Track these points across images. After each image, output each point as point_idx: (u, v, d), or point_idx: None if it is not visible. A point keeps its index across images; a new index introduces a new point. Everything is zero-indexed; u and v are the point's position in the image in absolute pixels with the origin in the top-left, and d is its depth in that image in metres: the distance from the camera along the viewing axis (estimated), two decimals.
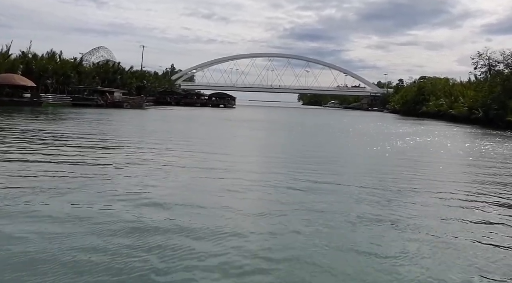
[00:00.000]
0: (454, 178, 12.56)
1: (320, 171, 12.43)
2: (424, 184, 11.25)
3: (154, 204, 7.73)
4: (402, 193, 9.78)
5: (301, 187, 9.92)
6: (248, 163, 13.90)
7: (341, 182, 10.87)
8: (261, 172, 12.49)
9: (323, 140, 24.32)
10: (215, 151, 16.23)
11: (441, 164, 15.39)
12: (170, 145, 17.44)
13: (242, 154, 16.34)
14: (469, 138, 30.84)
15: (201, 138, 22.04)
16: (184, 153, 15.35)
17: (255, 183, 10.32)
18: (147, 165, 12.09)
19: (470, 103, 58.22)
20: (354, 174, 12.38)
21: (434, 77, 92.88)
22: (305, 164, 13.89)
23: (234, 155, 15.79)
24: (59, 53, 61.33)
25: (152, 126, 28.73)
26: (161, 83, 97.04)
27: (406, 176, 12.30)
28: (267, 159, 15.42)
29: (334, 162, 14.78)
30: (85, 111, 42.86)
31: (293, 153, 17.58)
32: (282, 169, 12.65)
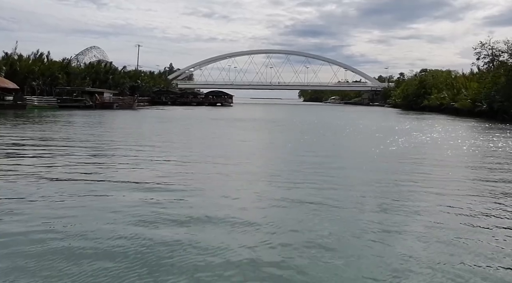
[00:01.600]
0: (468, 189, 10.51)
1: (314, 182, 10.42)
2: (434, 198, 9.25)
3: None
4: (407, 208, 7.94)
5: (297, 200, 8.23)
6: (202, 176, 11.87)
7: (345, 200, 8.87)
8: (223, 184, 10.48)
9: (319, 142, 22.25)
10: (171, 157, 14.23)
11: (453, 169, 13.28)
12: (129, 151, 15.46)
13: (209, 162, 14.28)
14: (475, 133, 28.53)
15: (174, 141, 20.05)
16: (145, 162, 13.36)
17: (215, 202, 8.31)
18: (92, 178, 10.12)
19: (473, 96, 55.90)
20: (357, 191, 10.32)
21: (435, 70, 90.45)
22: (299, 169, 11.89)
23: (196, 165, 13.75)
24: (46, 54, 59.51)
25: (129, 129, 26.73)
26: (156, 82, 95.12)
27: (410, 189, 10.27)
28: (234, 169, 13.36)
29: (333, 173, 12.71)
30: (70, 114, 40.98)
31: (283, 160, 15.54)
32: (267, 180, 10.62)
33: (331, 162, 13.88)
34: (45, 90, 54.43)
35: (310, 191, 9.11)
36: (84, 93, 56.85)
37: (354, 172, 12.14)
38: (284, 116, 50.70)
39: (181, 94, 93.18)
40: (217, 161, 13.38)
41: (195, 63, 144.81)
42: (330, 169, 12.33)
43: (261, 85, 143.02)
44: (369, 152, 16.37)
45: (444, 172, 12.32)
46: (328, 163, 13.66)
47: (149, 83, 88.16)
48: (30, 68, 52.44)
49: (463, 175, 12.15)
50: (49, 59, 59.63)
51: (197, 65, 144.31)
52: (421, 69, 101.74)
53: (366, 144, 19.86)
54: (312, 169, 12.22)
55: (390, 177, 11.13)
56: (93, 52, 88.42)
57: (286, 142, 20.95)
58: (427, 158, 15.38)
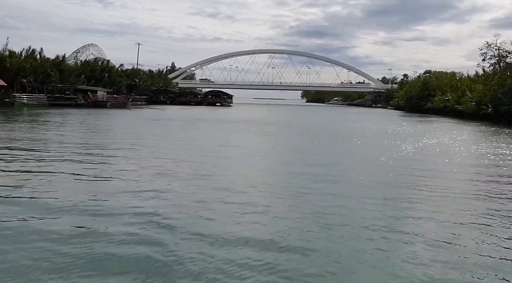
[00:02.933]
0: (476, 206, 8.90)
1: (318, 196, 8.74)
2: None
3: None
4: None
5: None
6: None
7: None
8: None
9: (316, 150, 20.57)
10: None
11: (458, 183, 11.63)
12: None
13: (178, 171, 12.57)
14: (482, 139, 26.56)
15: (146, 146, 18.39)
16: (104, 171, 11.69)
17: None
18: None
19: (478, 98, 53.95)
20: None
21: (439, 72, 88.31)
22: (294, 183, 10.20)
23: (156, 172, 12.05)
24: (39, 51, 57.90)
25: (105, 131, 24.93)
26: (155, 81, 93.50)
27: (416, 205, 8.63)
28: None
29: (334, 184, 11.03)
30: (58, 113, 39.39)
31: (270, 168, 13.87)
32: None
33: (327, 177, 12.15)
34: (36, 88, 52.87)
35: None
36: (77, 92, 55.41)
37: (352, 187, 10.46)
38: (282, 118, 48.92)
39: (180, 94, 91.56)
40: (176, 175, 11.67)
41: (196, 63, 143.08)
42: (327, 187, 10.62)
43: (262, 86, 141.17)
44: (370, 161, 14.73)
45: (449, 185, 10.68)
46: (324, 177, 11.94)
47: (147, 82, 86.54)
48: (21, 65, 50.86)
49: (470, 189, 10.43)
50: (42, 56, 58.04)
51: (198, 64, 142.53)
52: (425, 71, 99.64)
53: (368, 152, 18.18)
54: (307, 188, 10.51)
55: (390, 192, 9.94)
56: (91, 50, 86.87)
57: (272, 149, 19.25)
58: (431, 169, 13.72)
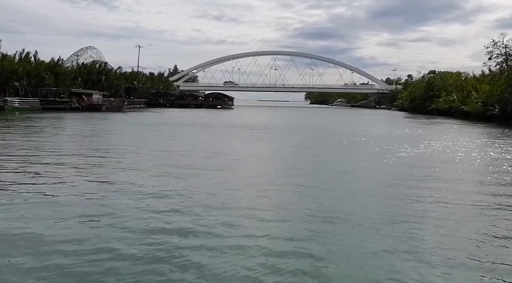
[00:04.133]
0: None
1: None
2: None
3: None
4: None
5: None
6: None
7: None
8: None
9: (315, 156, 19.06)
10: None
11: (469, 196, 10.13)
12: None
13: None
14: (491, 143, 24.55)
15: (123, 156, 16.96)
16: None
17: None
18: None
19: (484, 99, 52.18)
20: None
21: (444, 72, 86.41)
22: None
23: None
24: (33, 53, 56.79)
25: (85, 138, 23.42)
26: (154, 84, 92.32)
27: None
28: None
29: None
30: (49, 117, 38.13)
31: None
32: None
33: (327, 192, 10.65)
34: (29, 92, 51.72)
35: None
36: (72, 95, 54.24)
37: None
38: (282, 121, 47.14)
39: (180, 96, 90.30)
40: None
41: (198, 65, 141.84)
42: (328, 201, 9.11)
43: (265, 87, 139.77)
44: (374, 171, 13.26)
45: (463, 199, 9.15)
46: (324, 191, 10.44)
47: (146, 84, 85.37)
48: (13, 68, 49.73)
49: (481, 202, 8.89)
50: (36, 59, 56.93)
51: (200, 66, 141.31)
52: (429, 71, 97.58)
53: (372, 160, 16.65)
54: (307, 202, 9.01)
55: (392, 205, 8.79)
56: (89, 53, 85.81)
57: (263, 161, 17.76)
58: (439, 178, 12.20)
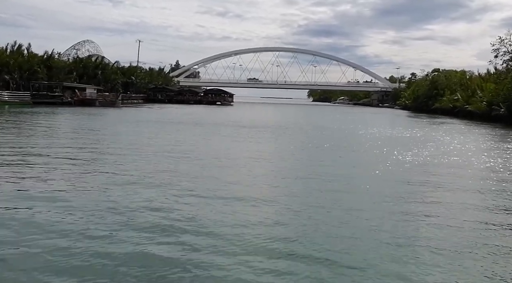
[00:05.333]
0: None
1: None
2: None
3: None
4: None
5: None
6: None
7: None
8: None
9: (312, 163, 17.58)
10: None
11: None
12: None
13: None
14: (500, 146, 22.84)
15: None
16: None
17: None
18: None
19: (490, 98, 50.46)
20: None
21: (448, 70, 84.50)
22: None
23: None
24: (26, 46, 55.39)
25: (54, 137, 21.59)
26: (153, 79, 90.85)
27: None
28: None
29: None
30: (37, 111, 36.86)
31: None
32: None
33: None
34: (21, 85, 50.37)
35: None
36: (65, 89, 52.91)
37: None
38: (282, 119, 45.39)
39: (179, 92, 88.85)
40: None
41: (199, 60, 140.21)
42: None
43: (267, 84, 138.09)
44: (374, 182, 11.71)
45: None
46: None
47: (145, 79, 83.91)
48: (4, 60, 48.37)
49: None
50: (29, 52, 55.52)
51: (201, 62, 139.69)
52: (433, 69, 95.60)
53: (372, 166, 15.16)
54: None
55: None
56: (86, 47, 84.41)
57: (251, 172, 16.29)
58: (446, 188, 10.66)
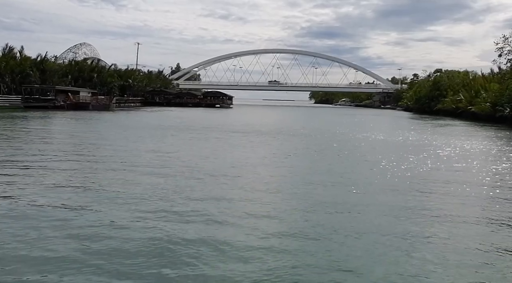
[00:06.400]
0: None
1: None
2: None
3: None
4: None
5: None
6: None
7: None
8: None
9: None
10: None
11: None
12: None
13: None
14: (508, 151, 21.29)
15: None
16: None
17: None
18: None
19: (493, 98, 49.02)
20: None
21: (451, 70, 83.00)
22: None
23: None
24: (19, 49, 54.37)
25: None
26: (152, 82, 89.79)
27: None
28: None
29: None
30: (25, 116, 35.65)
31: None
32: None
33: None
34: (12, 89, 49.29)
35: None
36: (58, 92, 51.77)
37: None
38: (278, 123, 44.13)
39: (177, 95, 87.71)
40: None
41: (199, 63, 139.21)
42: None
43: (267, 86, 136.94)
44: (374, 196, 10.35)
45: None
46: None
47: (143, 82, 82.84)
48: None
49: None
50: (22, 55, 54.46)
51: (201, 65, 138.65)
52: (435, 70, 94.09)
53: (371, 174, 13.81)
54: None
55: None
56: (83, 49, 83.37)
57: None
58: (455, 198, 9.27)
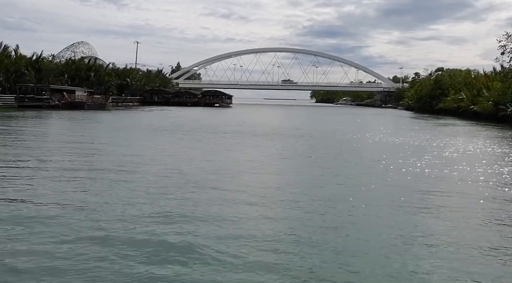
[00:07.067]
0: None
1: None
2: None
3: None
4: None
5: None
6: None
7: None
8: None
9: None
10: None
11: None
12: None
13: None
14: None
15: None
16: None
17: None
18: None
19: (496, 97, 48.10)
20: None
21: (453, 69, 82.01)
22: None
23: None
24: (14, 48, 53.64)
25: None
26: (150, 81, 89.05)
27: None
28: None
29: None
30: (15, 115, 34.92)
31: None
32: None
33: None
34: (7, 88, 48.58)
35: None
36: (53, 92, 51.06)
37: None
38: (275, 123, 43.19)
39: (176, 94, 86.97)
40: None
41: (199, 62, 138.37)
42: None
43: (268, 85, 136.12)
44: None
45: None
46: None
47: (141, 81, 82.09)
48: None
49: None
50: (17, 53, 53.75)
51: (201, 64, 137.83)
52: (437, 68, 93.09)
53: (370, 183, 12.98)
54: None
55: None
56: (81, 48, 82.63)
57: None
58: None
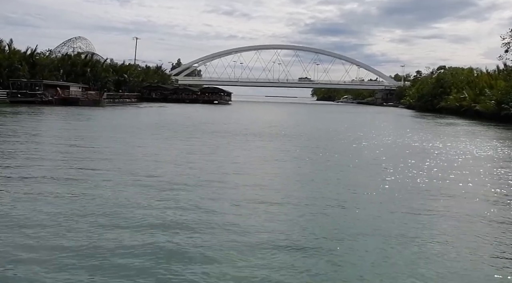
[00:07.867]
0: None
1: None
2: None
3: None
4: None
5: None
6: None
7: None
8: None
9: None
10: None
11: None
12: None
13: None
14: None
15: None
16: None
17: None
18: None
19: (499, 96, 47.03)
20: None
21: (455, 68, 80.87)
22: None
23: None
24: (8, 42, 52.67)
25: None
26: (149, 77, 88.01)
27: None
28: None
29: None
30: (4, 112, 33.98)
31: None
32: None
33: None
34: (0, 83, 47.66)
35: None
36: (47, 87, 50.12)
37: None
38: (274, 122, 41.86)
39: (174, 91, 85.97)
40: None
41: (199, 59, 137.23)
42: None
43: (268, 83, 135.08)
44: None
45: None
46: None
47: (139, 78, 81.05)
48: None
49: None
50: (11, 48, 52.77)
51: (201, 60, 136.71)
52: (439, 67, 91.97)
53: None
54: None
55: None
56: (78, 43, 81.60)
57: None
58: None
